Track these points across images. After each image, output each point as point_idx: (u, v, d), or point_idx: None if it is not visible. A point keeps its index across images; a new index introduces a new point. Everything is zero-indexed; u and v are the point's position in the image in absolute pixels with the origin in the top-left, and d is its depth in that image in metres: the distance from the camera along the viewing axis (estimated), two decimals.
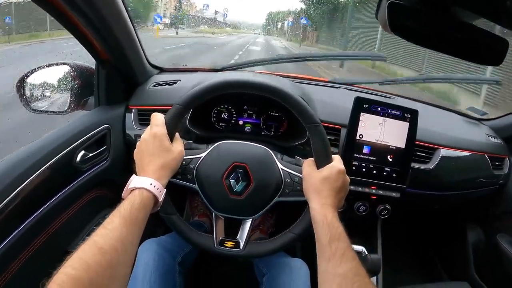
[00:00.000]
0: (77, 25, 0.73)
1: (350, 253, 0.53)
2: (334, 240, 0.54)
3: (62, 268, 0.42)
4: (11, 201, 0.62)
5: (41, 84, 0.91)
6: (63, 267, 0.42)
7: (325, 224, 0.56)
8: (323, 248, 0.54)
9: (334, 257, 0.52)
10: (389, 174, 0.85)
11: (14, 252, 0.65)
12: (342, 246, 0.53)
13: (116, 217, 0.50)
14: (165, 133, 0.61)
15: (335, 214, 0.58)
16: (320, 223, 0.56)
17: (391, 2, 0.50)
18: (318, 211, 0.58)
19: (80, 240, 0.85)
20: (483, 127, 1.21)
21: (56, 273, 0.41)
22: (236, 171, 0.65)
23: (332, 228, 0.55)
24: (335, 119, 0.91)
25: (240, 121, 0.99)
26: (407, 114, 0.84)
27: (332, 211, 0.58)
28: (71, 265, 0.42)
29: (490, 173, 1.06)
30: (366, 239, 0.96)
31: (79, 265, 0.43)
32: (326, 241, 0.54)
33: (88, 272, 0.42)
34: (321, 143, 0.63)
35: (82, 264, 0.43)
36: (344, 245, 0.53)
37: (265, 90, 0.64)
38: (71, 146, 0.77)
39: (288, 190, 0.66)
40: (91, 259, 0.44)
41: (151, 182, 0.55)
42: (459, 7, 0.50)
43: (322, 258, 0.54)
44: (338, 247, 0.53)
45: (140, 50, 0.95)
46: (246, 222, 0.69)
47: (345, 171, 0.63)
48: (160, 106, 0.93)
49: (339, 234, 0.54)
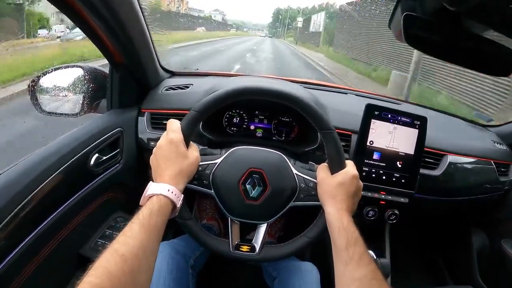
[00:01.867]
0: (94, 28, 0.74)
1: (366, 257, 0.54)
2: (351, 245, 0.55)
3: (85, 277, 0.42)
4: (26, 204, 0.62)
5: (54, 86, 0.92)
6: (86, 277, 0.42)
7: (342, 229, 0.57)
8: (340, 253, 0.55)
9: (351, 262, 0.53)
10: (398, 180, 0.86)
11: (29, 255, 0.65)
12: (359, 251, 0.54)
13: (135, 224, 0.50)
14: (181, 139, 0.61)
15: (350, 219, 0.59)
16: (336, 228, 0.57)
17: (407, 14, 0.52)
18: (334, 216, 0.59)
19: (92, 243, 0.86)
20: (489, 134, 1.22)
21: (79, 282, 0.42)
22: (253, 176, 0.66)
23: (349, 232, 0.56)
24: (346, 125, 0.92)
25: (251, 126, 0.99)
26: (416, 121, 0.85)
27: (347, 215, 0.59)
28: (94, 274, 0.43)
29: (495, 179, 1.07)
30: (374, 244, 0.97)
31: (102, 274, 0.43)
32: (343, 245, 0.55)
33: (111, 280, 0.43)
34: (335, 149, 0.64)
35: (104, 272, 0.43)
36: (360, 250, 0.54)
37: (281, 97, 0.65)
38: (85, 149, 0.78)
39: (303, 195, 0.67)
40: (113, 267, 0.44)
41: (169, 188, 0.56)
42: (470, 19, 0.51)
43: (339, 262, 0.55)
44: (355, 252, 0.54)
45: (154, 54, 0.96)
46: (261, 227, 0.69)
47: (359, 177, 0.64)
48: (173, 110, 0.94)
49: (355, 238, 0.56)
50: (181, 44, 13.86)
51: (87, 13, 0.68)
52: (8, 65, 3.06)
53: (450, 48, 0.54)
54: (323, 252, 0.90)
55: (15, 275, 0.63)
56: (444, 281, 1.37)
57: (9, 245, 0.61)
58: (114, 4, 0.69)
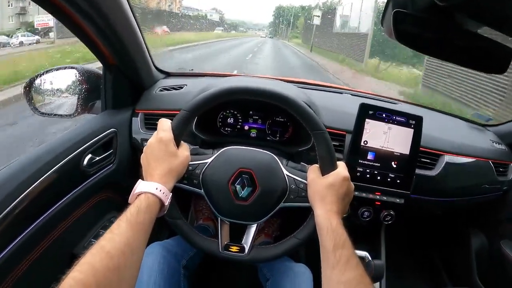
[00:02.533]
0: (84, 30, 0.74)
1: (354, 260, 0.54)
2: (338, 247, 0.54)
3: (70, 273, 0.43)
4: (19, 204, 0.63)
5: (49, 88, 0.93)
6: (71, 272, 0.43)
7: (330, 231, 0.56)
8: (327, 255, 0.55)
9: (338, 265, 0.53)
10: (393, 180, 0.85)
11: (21, 254, 0.66)
12: (346, 254, 0.54)
13: (122, 222, 0.50)
14: (171, 138, 0.62)
15: (339, 221, 0.58)
16: (324, 230, 0.57)
17: (397, 10, 0.51)
18: (323, 217, 0.59)
19: (86, 243, 0.86)
20: (488, 133, 1.21)
21: (64, 278, 0.42)
22: (242, 176, 0.66)
23: (337, 235, 0.56)
24: (340, 125, 0.92)
25: (245, 126, 0.99)
26: (411, 121, 0.84)
27: (336, 217, 0.58)
28: (79, 270, 0.43)
29: (494, 179, 1.06)
30: (369, 245, 0.96)
31: (87, 270, 0.43)
32: (331, 248, 0.54)
33: (95, 276, 0.43)
34: (326, 150, 0.64)
35: (89, 268, 0.44)
36: (348, 253, 0.54)
37: (271, 97, 0.65)
38: (79, 149, 0.78)
39: (293, 196, 0.66)
40: (99, 263, 0.44)
41: (157, 186, 0.56)
42: (463, 15, 0.50)
43: (326, 265, 0.55)
44: (342, 255, 0.53)
45: (147, 55, 0.96)
46: (251, 227, 0.69)
47: (350, 178, 0.63)
48: (167, 110, 0.94)
49: (343, 241, 0.55)
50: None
51: (77, 16, 0.69)
52: None
53: (442, 45, 0.54)
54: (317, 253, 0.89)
55: (8, 274, 0.63)
56: (442, 282, 1.36)
57: (1, 244, 0.61)
58: (104, 7, 0.69)
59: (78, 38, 0.77)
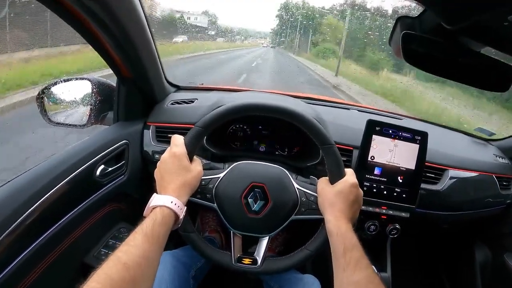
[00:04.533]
0: (103, 43, 0.76)
1: (364, 262, 0.55)
2: (348, 250, 0.56)
3: (88, 282, 0.44)
4: (33, 212, 0.64)
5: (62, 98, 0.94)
6: (88, 282, 0.44)
7: (339, 235, 0.58)
8: (338, 259, 0.57)
9: (348, 267, 0.54)
10: (399, 194, 0.87)
11: (33, 262, 0.67)
12: (355, 256, 0.55)
13: (138, 234, 0.52)
14: (184, 153, 0.63)
15: (349, 226, 0.60)
16: (334, 235, 0.59)
17: (406, 32, 0.54)
18: (333, 223, 0.61)
19: (96, 252, 0.88)
20: (491, 148, 1.23)
21: None
22: (255, 190, 0.67)
23: (346, 238, 0.57)
24: (347, 140, 0.93)
25: (255, 140, 1.01)
26: (417, 136, 0.86)
27: (345, 222, 0.60)
28: (96, 280, 0.44)
29: (497, 193, 1.08)
30: (375, 258, 0.97)
31: (104, 280, 0.44)
32: (341, 251, 0.56)
33: (112, 287, 0.44)
34: (335, 164, 0.66)
35: (106, 279, 0.45)
36: (358, 255, 0.56)
37: (282, 113, 0.67)
38: (92, 160, 0.80)
39: (304, 208, 0.68)
40: (115, 274, 0.45)
41: (172, 200, 0.58)
42: (467, 37, 0.53)
43: (337, 268, 0.57)
44: (352, 257, 0.55)
45: (160, 68, 0.98)
46: (263, 240, 0.70)
47: (358, 184, 0.65)
48: (178, 124, 0.96)
49: (352, 244, 0.57)
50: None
51: (97, 29, 0.71)
52: None
53: (448, 65, 0.56)
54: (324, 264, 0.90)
55: (20, 281, 0.64)
56: None
57: (15, 251, 0.62)
58: (123, 22, 0.71)
59: (95, 50, 0.79)
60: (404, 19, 0.57)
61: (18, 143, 2.65)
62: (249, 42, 25.08)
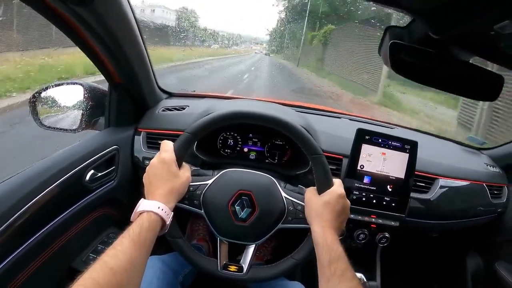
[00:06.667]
0: (94, 50, 0.77)
1: (349, 273, 0.55)
2: (334, 261, 0.56)
3: (74, 286, 0.44)
4: (21, 216, 0.64)
5: (54, 102, 0.95)
6: (74, 286, 0.44)
7: (325, 246, 0.58)
8: (323, 269, 0.57)
9: (333, 277, 0.55)
10: (389, 203, 0.87)
11: (20, 266, 0.67)
12: (341, 267, 0.56)
13: (125, 239, 0.52)
14: (173, 159, 0.63)
15: (335, 237, 0.60)
16: (320, 245, 0.59)
17: (393, 42, 0.54)
18: (319, 234, 0.61)
19: (84, 257, 0.87)
20: (482, 157, 1.23)
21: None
22: (242, 198, 0.68)
23: (332, 250, 0.58)
24: (337, 149, 0.94)
25: (245, 148, 1.01)
26: (407, 146, 0.87)
27: (332, 233, 0.60)
28: (83, 285, 0.44)
29: (488, 202, 1.08)
30: (365, 266, 0.97)
31: (91, 285, 0.44)
32: (326, 262, 0.57)
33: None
34: (323, 174, 0.66)
35: (93, 283, 0.45)
36: (343, 266, 0.56)
37: (272, 122, 0.67)
38: (81, 165, 0.80)
39: (291, 217, 0.68)
40: (102, 278, 0.45)
41: (159, 205, 0.58)
42: (455, 46, 0.53)
43: (322, 279, 0.57)
44: (337, 268, 0.55)
45: (152, 75, 0.99)
46: (250, 248, 0.70)
47: (345, 195, 0.65)
48: (169, 130, 0.96)
49: (338, 255, 0.57)
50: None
51: (88, 36, 0.71)
52: None
53: (436, 74, 0.56)
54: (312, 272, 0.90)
55: (7, 284, 0.64)
56: None
57: (2, 254, 0.62)
58: (114, 29, 0.72)
59: (87, 56, 0.80)
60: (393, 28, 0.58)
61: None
62: (234, 50, 17.71)
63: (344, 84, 9.08)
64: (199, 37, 12.90)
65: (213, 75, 8.58)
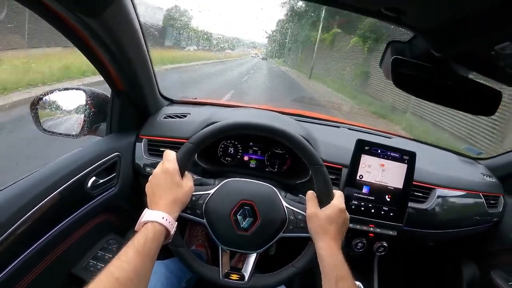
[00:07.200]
0: (99, 56, 0.77)
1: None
2: (340, 280, 0.59)
3: None
4: (23, 222, 0.64)
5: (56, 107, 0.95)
6: None
7: (332, 264, 0.61)
8: (329, 286, 0.59)
9: None
10: (387, 213, 0.88)
11: (22, 272, 0.67)
12: (347, 285, 0.58)
13: (130, 249, 0.52)
14: (176, 169, 0.64)
15: (341, 254, 0.62)
16: (327, 263, 0.61)
17: (395, 57, 0.56)
18: (326, 252, 0.63)
19: (84, 263, 0.87)
20: (479, 167, 1.25)
21: None
22: (244, 208, 0.68)
23: (338, 268, 0.60)
24: (337, 159, 0.95)
25: (245, 156, 1.02)
26: (405, 156, 0.88)
27: (338, 250, 0.63)
28: None
29: (484, 212, 1.09)
30: (363, 275, 0.98)
31: None
32: (333, 280, 0.59)
33: None
34: (324, 183, 0.67)
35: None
36: (348, 284, 0.59)
37: (274, 133, 0.69)
38: (83, 172, 0.80)
39: (292, 226, 0.69)
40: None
41: (164, 215, 0.58)
42: (456, 63, 0.55)
43: None
44: (344, 286, 0.58)
45: (154, 82, 0.99)
46: (251, 256, 0.71)
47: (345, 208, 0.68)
48: (170, 138, 0.97)
49: (344, 273, 0.60)
50: None
51: (92, 42, 0.71)
52: None
53: (436, 89, 0.58)
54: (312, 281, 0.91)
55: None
56: None
57: (4, 261, 0.62)
58: (120, 37, 0.73)
59: (90, 62, 0.80)
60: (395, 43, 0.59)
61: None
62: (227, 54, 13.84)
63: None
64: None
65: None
